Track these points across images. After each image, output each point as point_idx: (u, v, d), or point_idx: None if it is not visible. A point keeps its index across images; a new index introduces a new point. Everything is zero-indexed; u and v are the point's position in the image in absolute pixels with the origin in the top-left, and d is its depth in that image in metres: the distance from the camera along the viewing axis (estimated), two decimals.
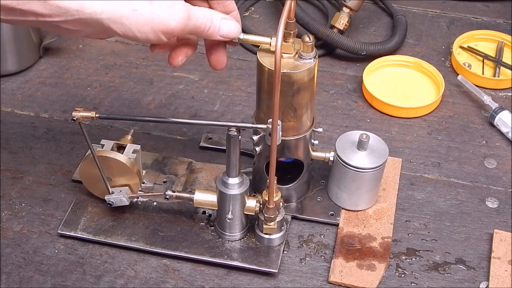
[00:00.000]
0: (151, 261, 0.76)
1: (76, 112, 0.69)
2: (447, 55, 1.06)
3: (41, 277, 0.74)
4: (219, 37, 0.64)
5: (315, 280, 0.75)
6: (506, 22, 1.14)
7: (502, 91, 1.00)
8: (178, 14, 0.59)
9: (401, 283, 0.75)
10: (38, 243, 0.78)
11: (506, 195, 0.85)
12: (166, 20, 0.59)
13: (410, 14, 1.14)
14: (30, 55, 1.01)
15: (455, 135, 0.93)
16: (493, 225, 0.81)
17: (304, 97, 0.72)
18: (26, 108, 0.95)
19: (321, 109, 0.96)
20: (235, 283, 0.75)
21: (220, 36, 0.64)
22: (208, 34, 0.64)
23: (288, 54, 0.70)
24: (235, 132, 0.69)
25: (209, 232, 0.78)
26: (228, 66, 1.03)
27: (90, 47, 1.06)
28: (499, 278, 0.75)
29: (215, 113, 0.95)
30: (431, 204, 0.84)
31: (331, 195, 0.82)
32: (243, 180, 0.74)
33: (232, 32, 0.65)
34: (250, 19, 1.13)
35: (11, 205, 0.82)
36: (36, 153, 0.88)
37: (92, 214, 0.80)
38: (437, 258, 0.78)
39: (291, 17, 0.68)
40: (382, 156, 0.78)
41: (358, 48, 1.01)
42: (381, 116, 0.96)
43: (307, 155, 0.79)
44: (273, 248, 0.76)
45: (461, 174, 0.88)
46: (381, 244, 0.78)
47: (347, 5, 1.04)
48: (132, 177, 0.77)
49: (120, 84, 0.99)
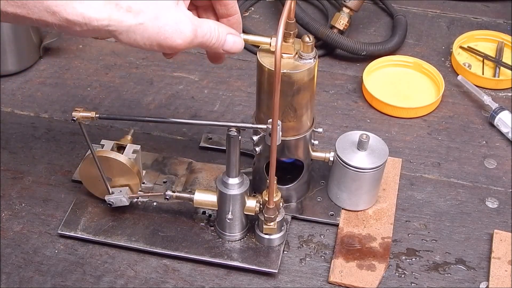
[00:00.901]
0: (151, 261, 0.76)
1: (76, 112, 0.69)
2: (447, 55, 1.07)
3: (41, 277, 0.74)
4: (221, 51, 0.65)
5: (315, 280, 0.75)
6: (506, 22, 1.14)
7: (502, 91, 1.00)
8: (184, 33, 0.60)
9: (401, 283, 0.75)
10: (38, 243, 0.78)
11: (506, 195, 0.85)
12: (172, 37, 0.60)
13: (410, 14, 1.14)
14: (30, 55, 1.01)
15: (455, 135, 0.93)
16: (493, 225, 0.81)
17: (304, 97, 0.72)
18: (26, 108, 0.95)
19: (321, 109, 0.96)
20: (235, 283, 0.75)
21: (223, 50, 0.65)
22: (212, 48, 0.64)
23: (288, 54, 0.70)
24: (235, 132, 0.69)
25: (209, 232, 0.78)
26: (228, 66, 1.03)
27: (90, 47, 1.06)
28: (499, 278, 0.75)
29: (215, 113, 0.95)
30: (431, 204, 0.84)
31: (331, 195, 0.82)
32: (243, 180, 0.74)
33: (235, 48, 0.65)
34: (250, 19, 1.13)
35: (11, 205, 0.82)
36: (36, 153, 0.88)
37: (92, 214, 0.80)
38: (437, 258, 0.78)
39: (291, 17, 0.68)
40: (382, 156, 0.78)
41: (358, 48, 1.01)
42: (381, 116, 0.96)
43: (307, 155, 0.79)
44: (273, 248, 0.76)
45: (461, 174, 0.88)
46: (381, 244, 0.78)
47: (347, 5, 1.04)
48: (132, 177, 0.77)
49: (120, 84, 0.99)
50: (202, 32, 0.62)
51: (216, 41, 0.64)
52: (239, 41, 0.66)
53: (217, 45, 0.64)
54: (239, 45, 0.66)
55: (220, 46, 0.64)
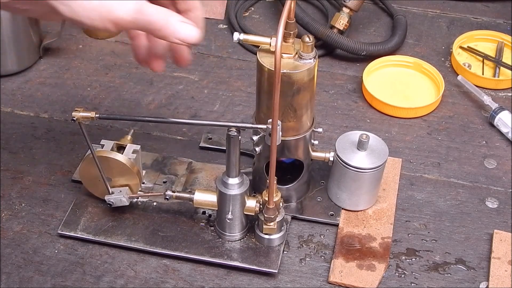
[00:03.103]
0: (151, 261, 0.76)
1: (76, 112, 0.69)
2: (447, 55, 1.07)
3: (41, 277, 0.74)
4: (175, 40, 0.60)
5: (315, 280, 0.75)
6: (506, 22, 1.14)
7: (502, 91, 1.00)
8: (127, 5, 0.58)
9: (401, 283, 0.75)
10: (38, 243, 0.78)
11: (506, 195, 0.85)
12: (115, 10, 0.57)
13: (410, 14, 1.14)
14: (30, 55, 1.01)
15: (455, 135, 0.93)
16: (493, 225, 0.81)
17: (304, 97, 0.72)
18: (26, 108, 0.95)
19: (321, 109, 0.96)
20: (235, 283, 0.75)
21: (176, 39, 0.60)
22: (163, 35, 0.60)
23: (288, 54, 0.70)
24: (235, 132, 0.69)
25: (209, 232, 0.78)
26: (228, 66, 1.03)
27: (90, 47, 1.06)
28: (499, 278, 0.75)
29: (215, 113, 0.95)
30: (431, 204, 0.84)
31: (331, 195, 0.82)
32: (243, 180, 0.74)
33: (190, 37, 0.61)
34: (250, 19, 1.13)
35: (11, 205, 0.82)
36: (36, 153, 0.88)
37: (92, 214, 0.80)
38: (437, 258, 0.78)
39: (291, 17, 0.68)
40: (382, 156, 0.78)
41: (358, 48, 1.01)
42: (381, 116, 0.96)
43: (307, 155, 0.79)
44: (273, 248, 0.76)
45: (461, 174, 0.88)
46: (381, 244, 0.78)
47: (347, 5, 1.04)
48: (132, 177, 0.77)
49: (120, 84, 0.99)
50: (148, 11, 0.59)
51: (163, 26, 0.60)
52: (194, 30, 0.61)
53: (166, 32, 0.60)
54: (194, 34, 0.61)
55: (170, 33, 0.60)
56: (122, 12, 0.58)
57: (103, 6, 0.57)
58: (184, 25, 0.60)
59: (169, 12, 0.60)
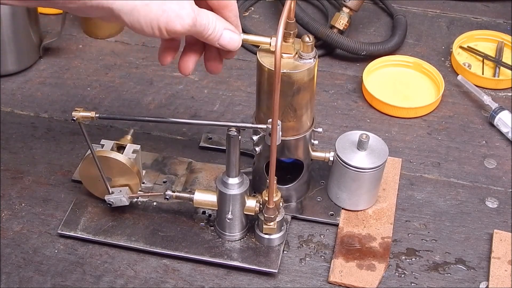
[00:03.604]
0: (151, 261, 0.76)
1: (76, 112, 0.69)
2: (447, 55, 1.07)
3: (41, 277, 0.74)
4: (217, 45, 0.65)
5: (315, 280, 0.75)
6: (506, 22, 1.14)
7: (502, 91, 1.00)
8: (185, 19, 0.60)
9: (401, 283, 0.75)
10: (38, 243, 0.78)
11: (506, 195, 0.85)
12: (173, 22, 0.60)
13: (410, 14, 1.14)
14: (30, 55, 1.01)
15: (455, 135, 0.93)
16: (493, 225, 0.81)
17: (304, 97, 0.72)
18: (26, 108, 0.95)
19: (321, 109, 0.96)
20: (235, 283, 0.75)
21: (218, 45, 0.65)
22: (208, 39, 0.64)
23: (288, 54, 0.70)
24: (235, 132, 0.69)
25: (209, 232, 0.78)
26: (228, 66, 1.03)
27: (90, 47, 1.06)
28: (499, 278, 0.75)
29: (215, 113, 0.95)
30: (431, 204, 0.84)
31: (331, 195, 0.82)
32: (243, 180, 0.74)
33: (231, 44, 0.65)
34: (250, 19, 1.13)
35: (11, 205, 0.82)
36: (36, 153, 0.88)
37: (92, 214, 0.80)
38: (437, 258, 0.78)
39: (291, 17, 0.68)
40: (382, 156, 0.78)
41: (358, 48, 1.01)
42: (381, 116, 0.96)
43: (307, 155, 0.79)
44: (273, 248, 0.76)
45: (461, 174, 0.88)
46: (381, 244, 0.78)
47: (347, 5, 1.04)
48: (132, 177, 0.77)
49: (120, 84, 0.99)
50: (200, 21, 0.62)
51: (212, 32, 0.64)
52: (236, 38, 0.66)
53: (213, 37, 0.64)
54: (235, 42, 0.66)
55: (216, 39, 0.64)
56: (179, 26, 0.60)
57: (163, 17, 0.60)
58: (228, 32, 0.65)
59: (217, 19, 0.64)
